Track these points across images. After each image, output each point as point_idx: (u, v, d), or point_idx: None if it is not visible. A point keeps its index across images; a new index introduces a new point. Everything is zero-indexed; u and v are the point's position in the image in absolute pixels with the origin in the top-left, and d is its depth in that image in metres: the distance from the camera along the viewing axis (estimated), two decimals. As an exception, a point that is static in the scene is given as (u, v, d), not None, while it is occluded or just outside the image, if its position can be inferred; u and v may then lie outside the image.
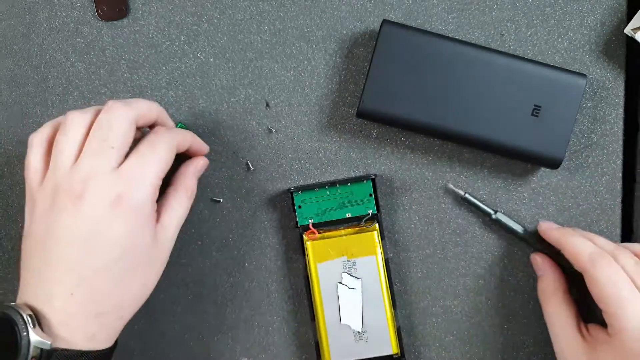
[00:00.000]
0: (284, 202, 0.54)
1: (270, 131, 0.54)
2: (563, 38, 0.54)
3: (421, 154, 0.55)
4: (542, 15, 0.54)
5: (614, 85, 0.55)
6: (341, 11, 0.54)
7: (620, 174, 0.55)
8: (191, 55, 0.54)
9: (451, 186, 0.54)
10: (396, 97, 0.51)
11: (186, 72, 0.54)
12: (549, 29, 0.54)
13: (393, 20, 0.53)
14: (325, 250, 0.52)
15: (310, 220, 0.52)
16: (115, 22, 0.54)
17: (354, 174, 0.54)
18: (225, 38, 0.54)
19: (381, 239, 0.52)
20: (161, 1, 0.54)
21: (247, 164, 0.54)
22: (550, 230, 0.51)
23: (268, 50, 0.54)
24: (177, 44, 0.54)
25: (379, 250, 0.52)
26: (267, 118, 0.54)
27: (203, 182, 0.54)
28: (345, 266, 0.52)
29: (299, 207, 0.52)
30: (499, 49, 0.53)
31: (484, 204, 0.54)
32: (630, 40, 0.54)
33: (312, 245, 0.52)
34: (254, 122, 0.54)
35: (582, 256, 0.47)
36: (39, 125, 0.53)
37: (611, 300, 0.44)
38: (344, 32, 0.54)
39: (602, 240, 0.49)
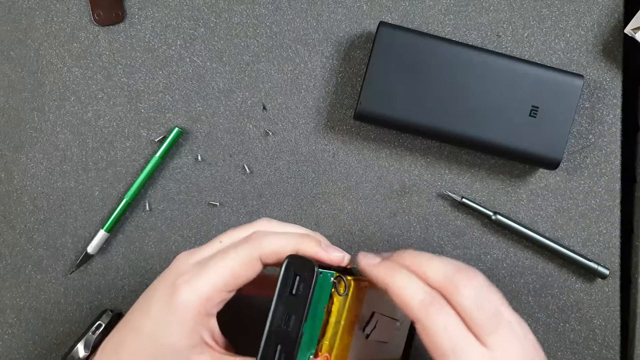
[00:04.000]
0: (281, 206, 0.54)
1: (267, 134, 0.54)
2: (560, 39, 0.54)
3: (419, 156, 0.55)
4: (539, 16, 0.54)
5: (612, 86, 0.54)
6: (337, 14, 0.54)
7: (619, 175, 0.55)
8: (188, 59, 0.54)
9: (448, 192, 0.54)
10: (393, 99, 0.51)
11: (183, 76, 0.54)
12: (545, 29, 0.54)
13: (390, 22, 0.53)
14: None
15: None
16: (111, 26, 0.54)
17: (352, 176, 0.54)
18: (222, 42, 0.54)
19: None
20: (157, 5, 0.54)
21: (244, 168, 0.54)
22: (370, 267, 0.41)
23: (265, 53, 0.54)
24: (173, 48, 0.54)
25: None
26: (264, 121, 0.54)
27: (200, 185, 0.54)
28: None
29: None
30: (496, 50, 0.53)
31: (482, 206, 0.54)
32: (628, 40, 0.54)
33: None
34: (251, 125, 0.54)
35: (412, 304, 0.38)
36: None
37: (448, 352, 0.38)
38: (341, 34, 0.54)
39: (434, 266, 0.40)
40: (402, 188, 0.55)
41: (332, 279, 0.39)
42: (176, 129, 0.53)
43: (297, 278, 0.38)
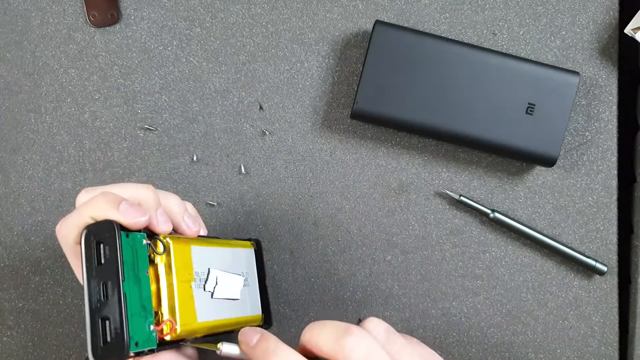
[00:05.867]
0: (279, 206, 0.54)
1: (264, 134, 0.54)
2: (555, 36, 0.55)
3: (417, 154, 0.55)
4: (534, 14, 0.55)
5: (607, 83, 0.55)
6: (333, 13, 0.54)
7: (616, 172, 0.55)
8: (184, 60, 0.54)
9: (446, 190, 0.54)
10: (390, 98, 0.51)
11: (179, 77, 0.54)
12: (541, 27, 0.55)
13: (385, 21, 0.53)
14: None
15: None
16: (107, 27, 0.54)
17: (349, 175, 0.54)
18: (218, 42, 0.54)
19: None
20: (153, 6, 0.54)
21: (241, 167, 0.54)
22: (248, 348, 0.37)
23: (261, 53, 0.54)
24: (169, 48, 0.54)
25: None
26: (260, 121, 0.54)
27: (197, 186, 0.54)
28: None
29: None
30: (492, 48, 0.53)
31: (480, 204, 0.54)
32: (623, 37, 0.54)
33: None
34: (248, 125, 0.54)
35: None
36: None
37: None
38: (337, 33, 0.54)
39: (324, 333, 0.37)
40: (400, 186, 0.55)
41: (144, 241, 0.37)
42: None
43: (102, 245, 0.36)
